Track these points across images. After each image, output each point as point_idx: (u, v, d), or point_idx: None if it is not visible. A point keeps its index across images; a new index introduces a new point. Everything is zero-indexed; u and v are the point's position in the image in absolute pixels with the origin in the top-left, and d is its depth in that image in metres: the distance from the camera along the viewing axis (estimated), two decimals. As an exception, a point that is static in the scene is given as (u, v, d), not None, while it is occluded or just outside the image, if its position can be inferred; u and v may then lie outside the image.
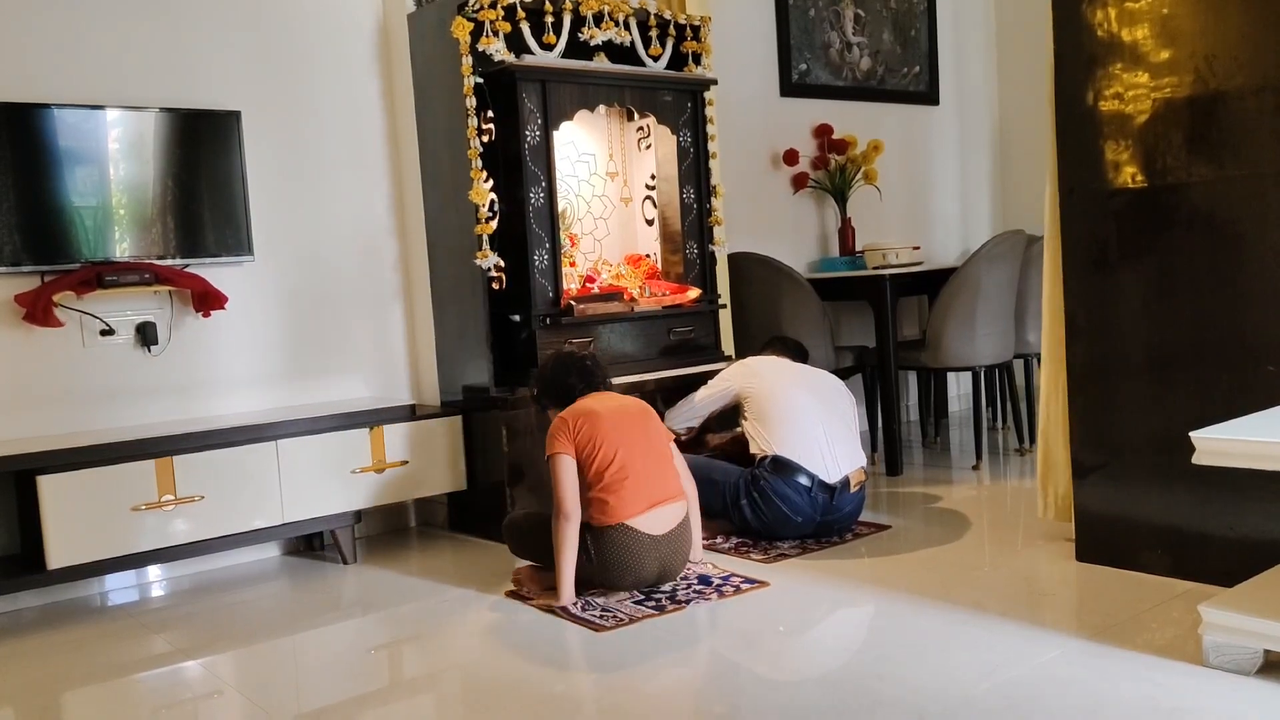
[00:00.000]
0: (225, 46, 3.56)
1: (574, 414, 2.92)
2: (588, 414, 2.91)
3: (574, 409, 2.95)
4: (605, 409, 2.94)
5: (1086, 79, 2.84)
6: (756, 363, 3.58)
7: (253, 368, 3.63)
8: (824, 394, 3.48)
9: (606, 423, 2.89)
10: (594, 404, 2.96)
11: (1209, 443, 2.07)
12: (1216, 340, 2.65)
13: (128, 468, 3.03)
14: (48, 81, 3.23)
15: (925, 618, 2.61)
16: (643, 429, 2.96)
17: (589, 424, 2.88)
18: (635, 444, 2.90)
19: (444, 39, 3.53)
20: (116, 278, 3.19)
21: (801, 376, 3.53)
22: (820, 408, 3.41)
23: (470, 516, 3.76)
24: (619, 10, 3.77)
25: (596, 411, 2.91)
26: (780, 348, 3.75)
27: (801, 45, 5.09)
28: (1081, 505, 2.96)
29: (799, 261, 5.00)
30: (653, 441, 2.97)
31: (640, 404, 3.05)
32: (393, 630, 2.85)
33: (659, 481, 2.91)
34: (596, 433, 2.87)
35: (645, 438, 2.95)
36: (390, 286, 3.93)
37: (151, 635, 2.89)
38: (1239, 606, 2.17)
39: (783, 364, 3.59)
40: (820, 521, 3.34)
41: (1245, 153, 2.57)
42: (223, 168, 3.47)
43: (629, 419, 2.95)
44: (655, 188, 4.11)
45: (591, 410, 2.92)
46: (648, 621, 2.69)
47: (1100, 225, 2.85)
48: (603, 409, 2.93)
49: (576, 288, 3.87)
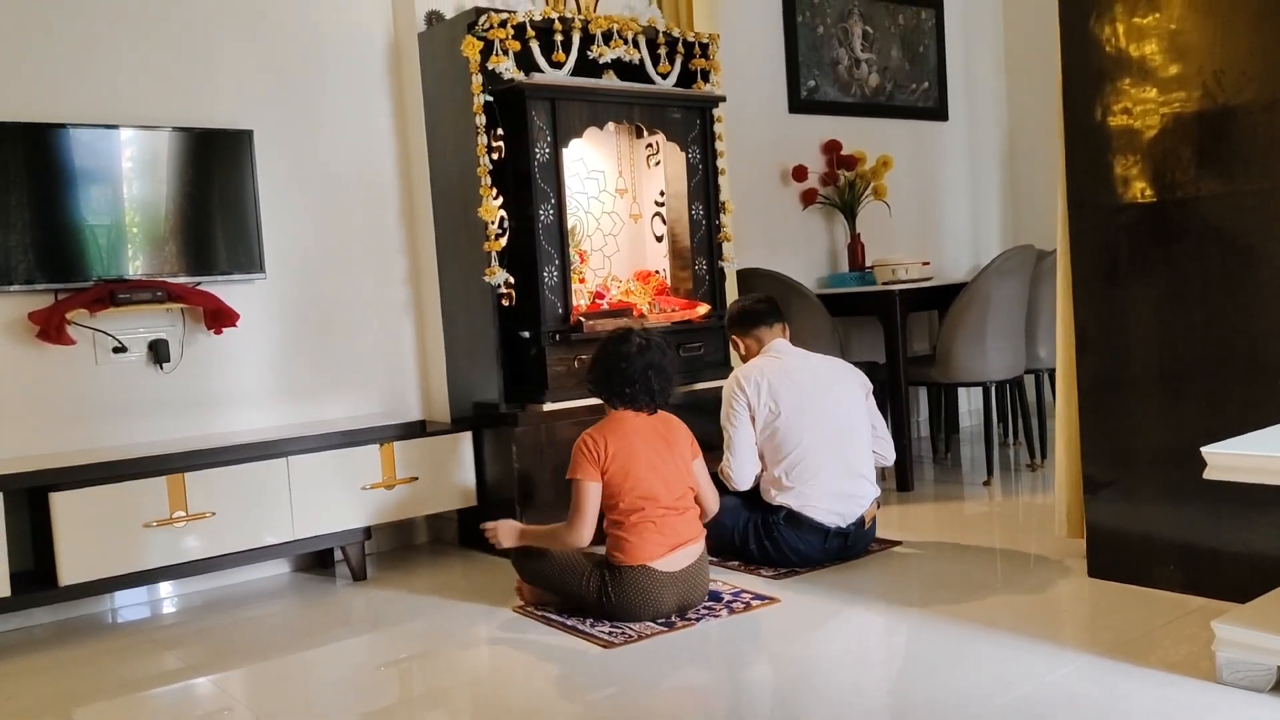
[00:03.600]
0: (238, 66, 3.59)
1: (607, 440, 2.84)
2: (621, 448, 2.82)
3: (608, 434, 2.85)
4: (642, 443, 2.85)
5: (1095, 94, 2.84)
6: (762, 375, 3.28)
7: (264, 384, 3.64)
8: (838, 416, 3.29)
9: (641, 462, 2.82)
10: (631, 432, 2.86)
11: (1220, 458, 2.06)
12: (1228, 354, 2.64)
13: (139, 484, 3.05)
14: (63, 102, 3.27)
15: (937, 634, 2.60)
16: (674, 458, 2.90)
17: (621, 458, 2.81)
18: (664, 482, 2.84)
19: (454, 58, 3.56)
20: (129, 295, 3.21)
21: (815, 398, 3.27)
22: (836, 440, 3.25)
23: (481, 533, 3.75)
24: (628, 28, 3.79)
25: (632, 446, 2.83)
26: (766, 322, 3.43)
27: (810, 62, 5.11)
28: (1093, 521, 2.94)
29: (808, 277, 5.00)
30: (681, 473, 2.90)
31: (672, 424, 2.97)
32: (403, 647, 2.85)
33: (683, 524, 2.86)
34: (630, 470, 2.81)
35: (675, 470, 2.88)
36: (401, 303, 3.95)
37: (162, 652, 2.90)
38: (1252, 623, 2.15)
39: (791, 373, 3.29)
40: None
41: (1255, 167, 2.57)
42: (235, 186, 3.49)
43: (662, 448, 2.89)
44: (664, 204, 4.12)
45: (627, 444, 2.84)
46: (658, 638, 2.69)
47: (1110, 240, 2.85)
48: (639, 443, 2.85)
49: (586, 304, 3.88)
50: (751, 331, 3.45)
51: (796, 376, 3.30)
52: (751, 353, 3.45)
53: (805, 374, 3.33)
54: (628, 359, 2.90)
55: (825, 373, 3.39)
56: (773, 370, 3.30)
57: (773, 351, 3.39)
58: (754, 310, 3.48)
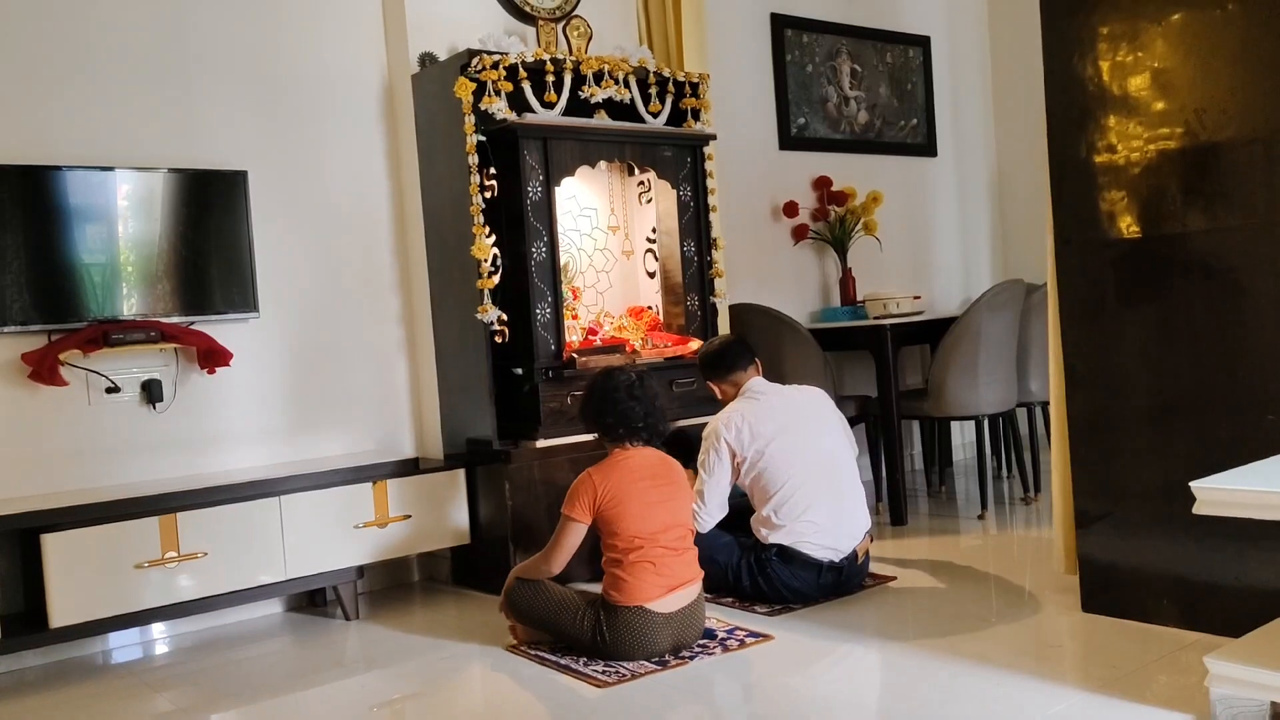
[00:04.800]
0: (233, 108, 3.63)
1: (606, 482, 2.84)
2: (619, 488, 2.83)
3: (608, 475, 2.86)
4: (640, 483, 2.85)
5: (1080, 131, 2.88)
6: (743, 419, 3.29)
7: (257, 423, 3.64)
8: (822, 447, 3.30)
9: (639, 505, 2.82)
10: (631, 470, 2.87)
11: (1209, 492, 2.07)
12: (1216, 389, 2.66)
13: (131, 525, 3.04)
14: (59, 143, 3.29)
15: (930, 670, 2.59)
16: (674, 497, 2.90)
17: (618, 497, 2.82)
18: (663, 522, 2.84)
19: (447, 99, 3.60)
20: (123, 335, 3.22)
21: (797, 432, 3.28)
22: (823, 472, 3.27)
23: (474, 571, 3.75)
24: (619, 69, 3.83)
25: (631, 486, 2.84)
26: (740, 365, 3.42)
27: (799, 100, 5.17)
28: (1086, 555, 2.94)
29: (800, 312, 5.03)
30: (680, 513, 2.90)
31: (673, 466, 2.98)
32: (396, 687, 2.84)
33: (680, 565, 2.85)
34: (627, 513, 2.81)
35: (673, 510, 2.88)
36: (394, 341, 3.96)
37: (154, 694, 2.87)
38: (1246, 658, 2.15)
39: (772, 412, 3.31)
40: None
41: (1238, 203, 2.60)
42: (229, 226, 3.51)
43: (663, 486, 2.89)
44: (656, 241, 4.15)
45: (626, 483, 2.84)
46: (651, 677, 2.67)
47: (1097, 275, 2.87)
48: (637, 483, 2.85)
49: (579, 340, 3.90)
50: (727, 377, 3.45)
51: (777, 415, 3.31)
52: (728, 396, 3.46)
53: (785, 410, 3.35)
54: (619, 393, 2.93)
55: (804, 404, 3.41)
56: (753, 412, 3.31)
57: (750, 393, 3.39)
58: (725, 353, 3.47)
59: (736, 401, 3.39)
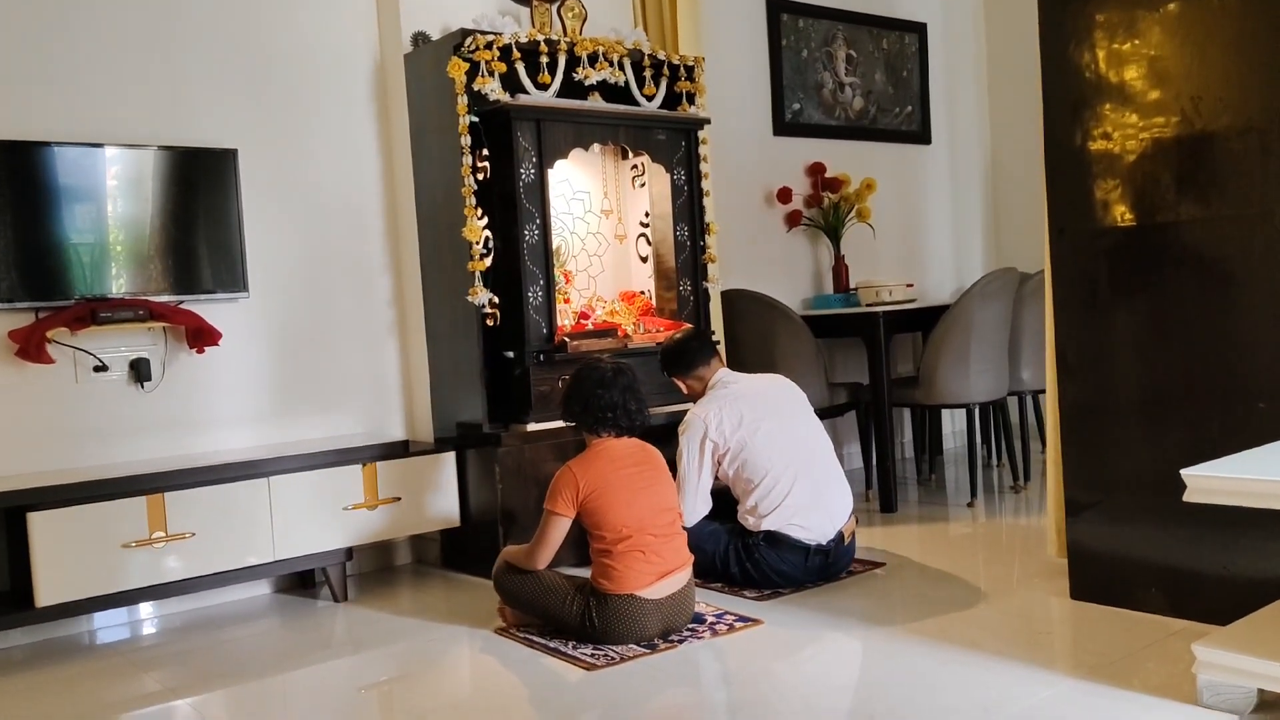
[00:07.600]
0: (223, 86, 3.59)
1: (587, 474, 2.84)
2: (602, 478, 2.82)
3: (589, 466, 2.86)
4: (623, 471, 2.85)
5: (1075, 120, 2.87)
6: (719, 411, 3.28)
7: (246, 404, 3.63)
8: (796, 431, 3.32)
9: (624, 493, 2.82)
10: (613, 460, 2.87)
11: (1200, 480, 2.07)
12: (1208, 378, 2.66)
13: (119, 504, 3.02)
14: (48, 120, 3.26)
15: (919, 657, 2.60)
16: (657, 483, 2.90)
17: (602, 488, 2.81)
18: (650, 508, 2.83)
19: (440, 79, 3.57)
20: (111, 314, 3.19)
21: (772, 418, 3.29)
22: (800, 456, 3.28)
23: (463, 554, 3.75)
24: (613, 51, 3.81)
25: (615, 475, 2.84)
26: (703, 359, 3.43)
27: (794, 85, 5.15)
28: (1075, 543, 2.95)
29: (793, 298, 5.02)
30: (665, 498, 2.90)
31: (652, 454, 2.97)
32: (383, 669, 2.83)
33: (670, 551, 2.85)
34: (613, 503, 2.80)
35: (659, 496, 2.88)
36: (384, 323, 3.94)
37: (141, 674, 2.87)
38: (1233, 645, 2.16)
39: (744, 399, 3.31)
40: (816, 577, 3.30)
41: (1232, 193, 2.60)
42: (219, 205, 3.49)
43: (647, 472, 2.89)
44: (649, 225, 4.13)
45: (609, 473, 2.84)
46: (640, 660, 2.67)
47: (1090, 264, 2.87)
48: (620, 472, 2.85)
49: (570, 324, 3.88)
50: (691, 372, 3.45)
51: (750, 402, 3.32)
52: (695, 392, 3.45)
53: (761, 398, 3.36)
54: (603, 386, 2.93)
55: (774, 393, 3.42)
56: (731, 402, 3.32)
57: (719, 385, 3.39)
58: (688, 349, 3.47)
59: (712, 392, 3.39)
